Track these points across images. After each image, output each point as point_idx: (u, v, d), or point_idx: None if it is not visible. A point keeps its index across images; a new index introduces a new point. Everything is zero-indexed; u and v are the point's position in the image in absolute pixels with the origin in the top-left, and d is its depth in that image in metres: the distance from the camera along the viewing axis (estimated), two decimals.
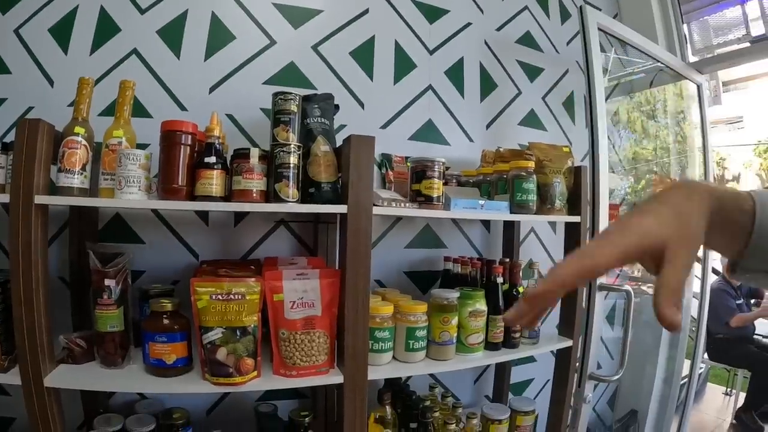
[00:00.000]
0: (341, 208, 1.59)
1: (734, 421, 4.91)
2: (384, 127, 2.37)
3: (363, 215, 1.60)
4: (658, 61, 2.93)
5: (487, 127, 2.66)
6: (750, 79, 18.42)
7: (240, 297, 1.51)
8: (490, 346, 2.00)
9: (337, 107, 1.89)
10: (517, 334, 2.06)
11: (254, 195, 1.55)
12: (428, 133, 2.47)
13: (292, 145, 1.58)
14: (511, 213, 1.96)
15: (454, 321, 1.85)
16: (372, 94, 2.34)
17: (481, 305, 1.92)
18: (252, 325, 1.53)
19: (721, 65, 3.31)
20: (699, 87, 3.25)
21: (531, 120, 2.82)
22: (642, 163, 3.45)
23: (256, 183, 1.55)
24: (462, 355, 1.92)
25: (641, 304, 3.67)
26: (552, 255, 2.87)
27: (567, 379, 2.24)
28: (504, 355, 2.04)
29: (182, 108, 2.00)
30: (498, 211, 1.94)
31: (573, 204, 2.15)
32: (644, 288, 3.73)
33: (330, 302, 1.64)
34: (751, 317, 4.96)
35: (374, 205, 1.65)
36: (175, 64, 2.02)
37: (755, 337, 5.09)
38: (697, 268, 3.47)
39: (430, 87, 2.48)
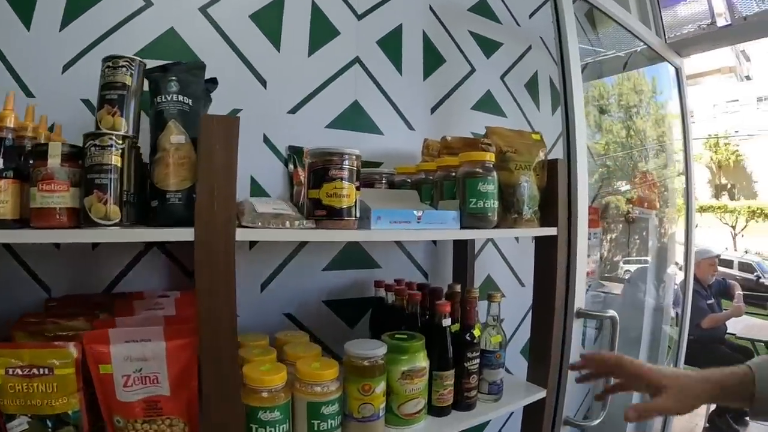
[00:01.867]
0: (184, 233, 0.95)
1: (708, 425, 4.53)
2: (293, 111, 1.69)
3: (221, 243, 0.96)
4: (638, 38, 2.45)
5: (432, 111, 2.00)
6: (701, 76, 18.40)
7: (47, 372, 0.96)
8: (435, 411, 1.36)
9: (213, 82, 1.27)
10: (473, 393, 1.41)
11: (58, 216, 0.94)
12: (353, 118, 1.79)
13: (113, 136, 0.96)
14: (462, 228, 1.30)
15: (380, 388, 1.20)
16: (278, 68, 1.67)
17: (420, 361, 1.27)
18: (71, 411, 0.98)
19: (703, 46, 2.80)
20: (678, 70, 2.82)
21: (487, 103, 2.17)
22: (594, 157, 3.11)
23: (58, 197, 0.93)
24: (395, 430, 1.27)
25: (610, 303, 3.27)
26: (515, 269, 2.23)
27: None
28: (455, 423, 1.37)
29: (29, 94, 1.35)
30: (443, 226, 1.27)
31: (547, 211, 1.50)
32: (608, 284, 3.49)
33: (183, 375, 1.03)
34: (722, 317, 4.60)
35: (240, 225, 1.01)
36: (23, 36, 1.37)
37: (727, 336, 4.75)
38: (678, 274, 3.20)
39: (357, 60, 1.81)
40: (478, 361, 1.40)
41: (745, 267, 11.51)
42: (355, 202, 1.12)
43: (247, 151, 1.57)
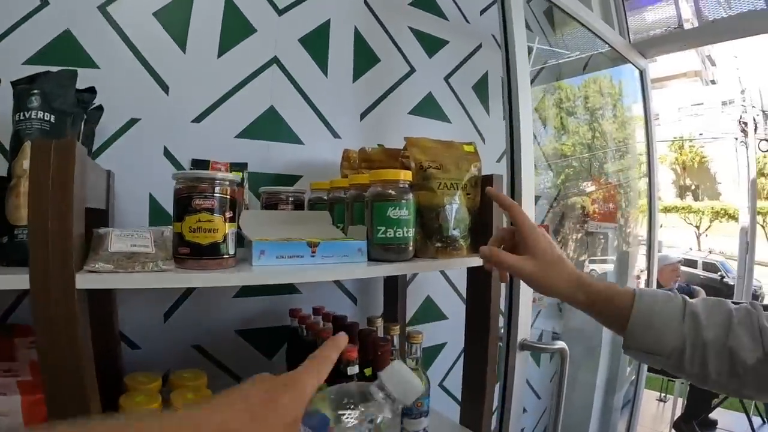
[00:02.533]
0: (17, 281, 0.73)
1: (673, 431, 4.43)
2: (198, 120, 1.43)
3: (59, 293, 0.73)
4: (601, 38, 2.25)
5: (362, 117, 1.75)
6: (667, 79, 18.38)
7: None
8: None
9: (90, 92, 1.07)
10: None
11: None
12: (269, 126, 1.53)
13: None
14: (369, 260, 1.05)
15: None
16: (183, 72, 1.41)
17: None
18: None
19: (667, 47, 2.60)
20: (642, 72, 2.60)
21: (428, 107, 1.92)
22: (560, 158, 3.00)
23: None
24: None
25: (570, 309, 3.09)
26: (458, 288, 1.99)
27: None
28: None
29: None
30: (345, 260, 1.01)
31: (479, 236, 1.23)
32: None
33: None
34: None
35: (87, 270, 0.78)
36: None
37: None
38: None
39: (275, 60, 1.56)
40: None
41: (709, 267, 11.45)
42: (226, 237, 0.88)
43: (146, 167, 1.34)
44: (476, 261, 1.22)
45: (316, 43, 1.64)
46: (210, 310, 1.44)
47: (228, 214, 0.89)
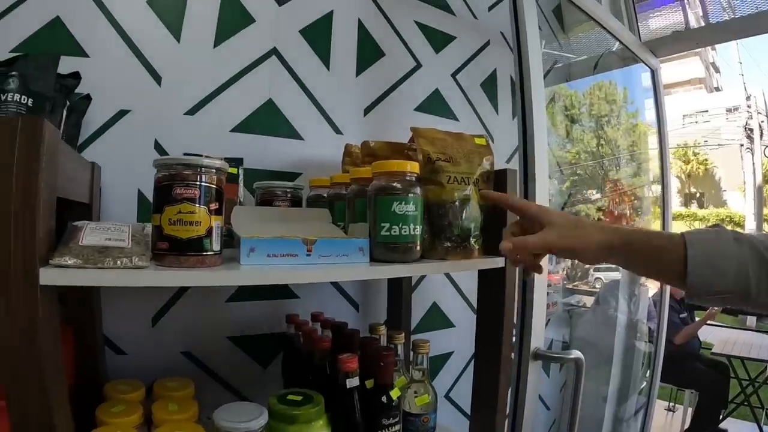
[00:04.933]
0: None
1: None
2: (192, 112, 1.33)
3: (20, 289, 0.62)
4: (612, 35, 2.16)
5: (366, 112, 1.64)
6: (672, 87, 18.28)
7: None
8: None
9: (74, 77, 1.03)
10: None
11: None
12: (266, 121, 1.43)
13: None
14: (372, 261, 0.93)
15: None
16: (176, 62, 1.32)
17: (316, 431, 0.92)
18: None
19: (680, 45, 2.51)
20: (654, 72, 2.50)
21: (434, 104, 1.81)
22: (565, 166, 2.92)
23: None
24: None
25: (580, 317, 2.99)
26: (466, 294, 1.88)
27: None
28: None
29: None
30: (345, 260, 0.90)
31: (492, 236, 1.12)
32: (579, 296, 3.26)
33: None
34: (694, 329, 4.21)
35: (53, 264, 0.67)
36: None
37: (702, 351, 4.38)
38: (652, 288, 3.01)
39: (274, 52, 1.46)
40: (398, 428, 1.04)
41: None
42: (210, 231, 0.77)
43: (135, 161, 1.24)
44: (489, 263, 1.12)
45: (318, 35, 1.54)
46: (201, 315, 1.33)
47: (213, 206, 0.78)
